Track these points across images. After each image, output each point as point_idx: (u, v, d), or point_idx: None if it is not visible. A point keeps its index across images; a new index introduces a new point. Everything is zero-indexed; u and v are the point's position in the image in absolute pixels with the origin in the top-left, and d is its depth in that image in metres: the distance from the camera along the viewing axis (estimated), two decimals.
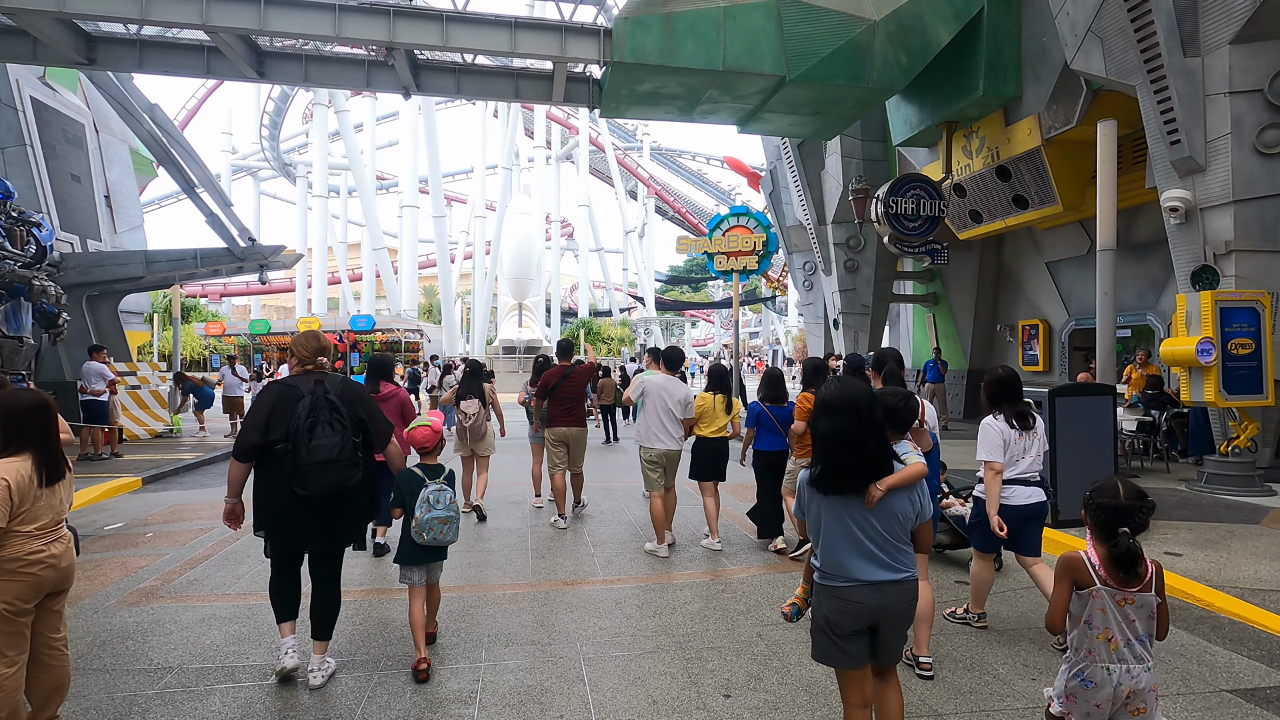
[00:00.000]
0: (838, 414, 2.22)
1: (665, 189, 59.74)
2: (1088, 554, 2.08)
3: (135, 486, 7.92)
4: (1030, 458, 3.52)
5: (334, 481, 2.98)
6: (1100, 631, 2.04)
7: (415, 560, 3.32)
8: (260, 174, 59.49)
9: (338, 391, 3.12)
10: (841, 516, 2.20)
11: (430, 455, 3.50)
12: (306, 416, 2.98)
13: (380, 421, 3.30)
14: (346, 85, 10.89)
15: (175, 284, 14.57)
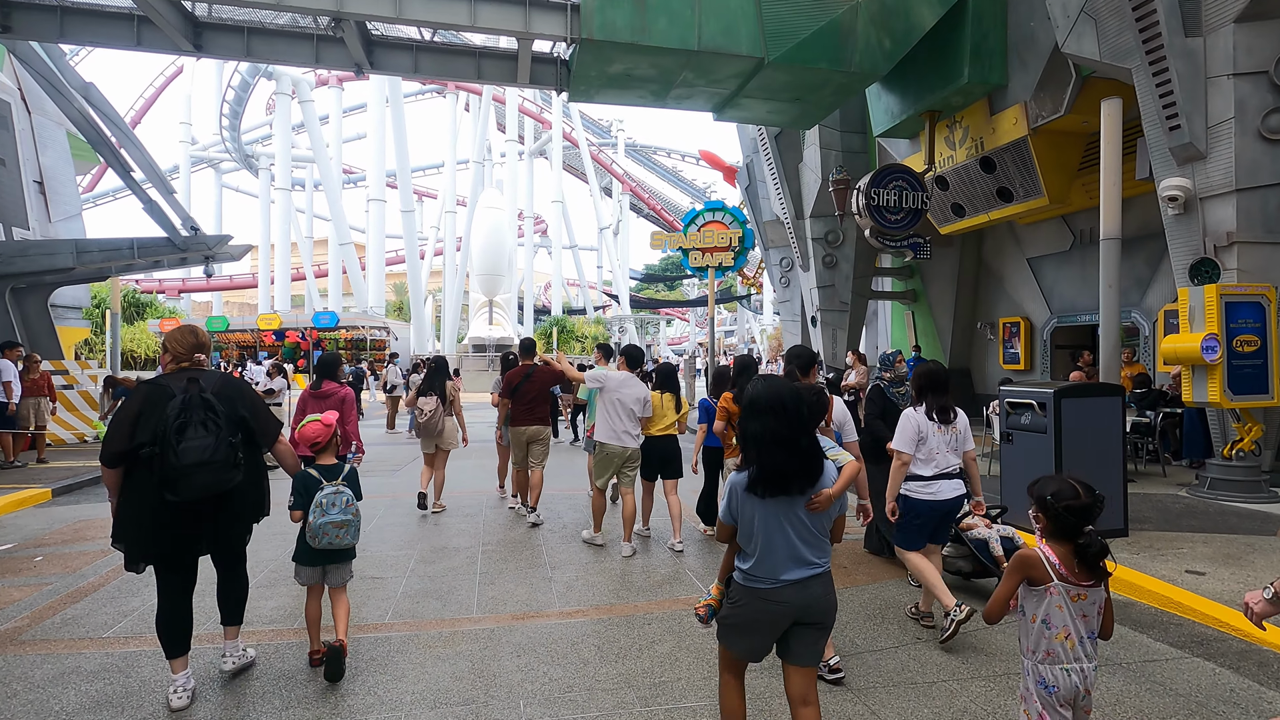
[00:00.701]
0: (767, 414, 2.17)
1: (640, 186, 59.17)
2: (1044, 551, 2.08)
3: (43, 499, 7.08)
4: (949, 452, 3.59)
5: (208, 484, 2.79)
6: (1059, 631, 2.05)
7: (309, 561, 3.23)
8: (222, 166, 57.50)
9: (215, 389, 2.94)
10: (779, 519, 2.17)
11: (326, 454, 3.35)
12: (176, 417, 2.77)
13: (265, 419, 3.14)
14: (293, 61, 10.08)
15: (112, 276, 13.53)
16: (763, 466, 2.15)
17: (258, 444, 3.10)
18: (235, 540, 3.17)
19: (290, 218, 48.04)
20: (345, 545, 3.21)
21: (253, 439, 3.05)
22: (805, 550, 2.19)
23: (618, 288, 51.60)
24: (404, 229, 37.86)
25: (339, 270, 44.26)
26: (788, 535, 2.17)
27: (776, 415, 2.16)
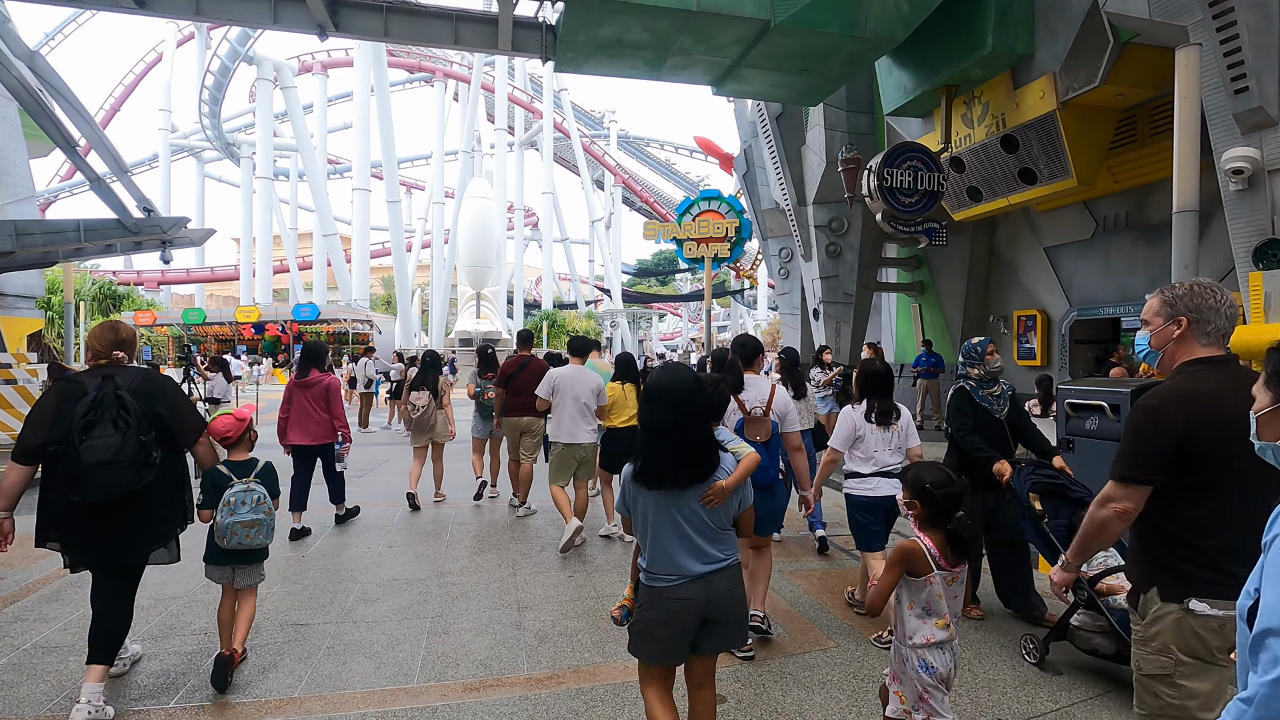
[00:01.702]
0: (655, 404, 2.13)
1: (633, 178, 58.24)
2: (923, 542, 2.14)
3: None
4: (889, 450, 3.58)
5: (111, 485, 2.66)
6: (939, 619, 2.12)
7: (218, 560, 3.11)
8: (205, 155, 56.07)
9: (132, 386, 2.82)
10: (669, 510, 2.11)
11: (238, 449, 3.21)
12: (84, 415, 2.67)
13: (186, 418, 3.00)
14: (248, 20, 9.11)
15: (61, 262, 12.53)
16: (645, 457, 2.09)
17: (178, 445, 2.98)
18: (150, 544, 2.94)
19: (273, 208, 46.81)
20: (257, 545, 3.07)
21: (171, 439, 2.91)
22: (704, 544, 2.11)
23: (610, 282, 50.73)
24: (390, 220, 36.76)
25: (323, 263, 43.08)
26: (682, 529, 2.10)
27: (663, 405, 2.10)
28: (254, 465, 3.18)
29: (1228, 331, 1.84)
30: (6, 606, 3.81)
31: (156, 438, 2.80)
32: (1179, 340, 1.86)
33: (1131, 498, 1.76)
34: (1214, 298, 1.83)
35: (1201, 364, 1.80)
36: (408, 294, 36.78)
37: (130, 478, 2.68)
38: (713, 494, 2.10)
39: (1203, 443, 1.69)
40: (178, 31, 49.95)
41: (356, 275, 36.83)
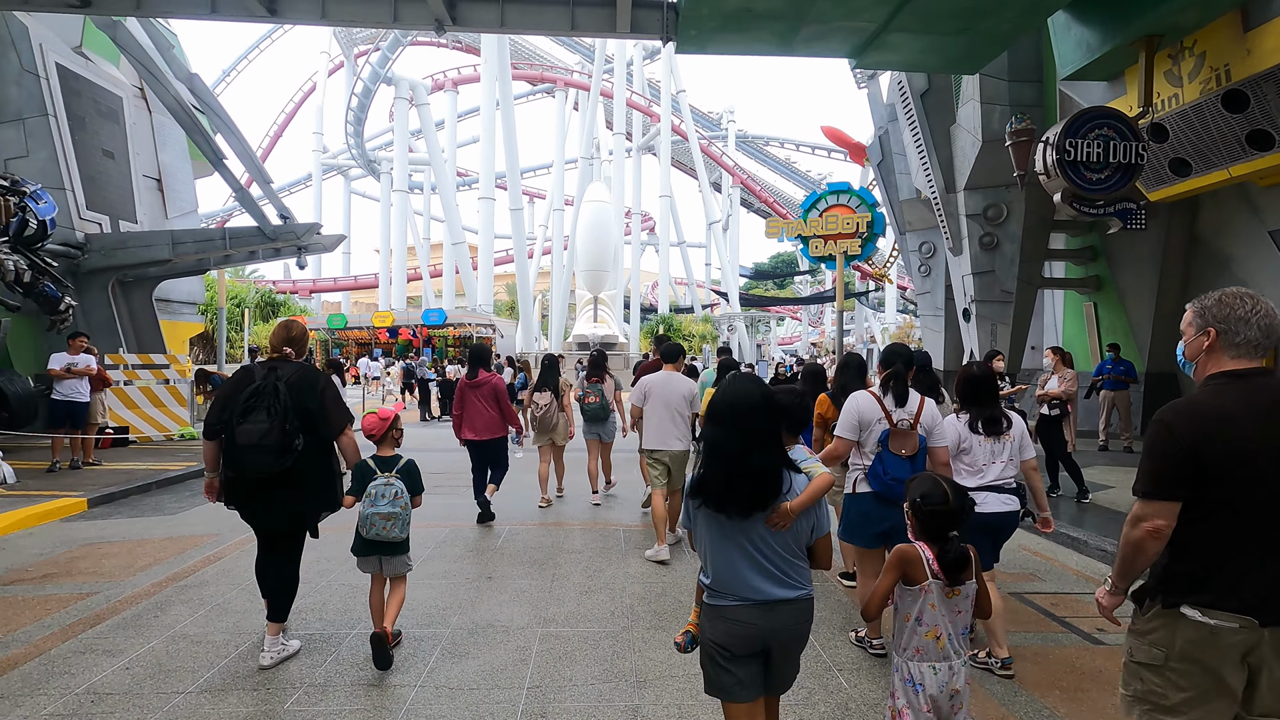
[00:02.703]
0: (718, 423, 1.99)
1: (751, 178, 56.66)
2: (922, 549, 2.09)
3: (77, 509, 6.26)
4: (1000, 464, 3.34)
5: (257, 466, 2.98)
6: (930, 629, 2.04)
7: (363, 552, 3.24)
8: (351, 173, 60.71)
9: (289, 379, 3.10)
10: (729, 531, 1.98)
11: (384, 445, 3.34)
12: (245, 401, 3.01)
13: (332, 411, 3.22)
14: (369, 22, 9.07)
15: (212, 268, 13.36)
16: (702, 479, 1.98)
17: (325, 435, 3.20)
18: (296, 520, 3.26)
19: (408, 219, 49.75)
20: (393, 538, 3.18)
21: (318, 429, 3.15)
22: (772, 569, 1.97)
23: (726, 285, 49.51)
24: (513, 228, 37.72)
25: (452, 270, 45.12)
26: (745, 551, 1.97)
27: (725, 425, 1.97)
28: (397, 461, 3.30)
29: (1262, 343, 1.75)
30: (83, 631, 3.50)
31: (301, 427, 3.05)
32: (1208, 352, 1.80)
33: (1160, 514, 1.71)
34: (1244, 307, 1.77)
35: (1226, 378, 1.76)
36: (529, 299, 37.57)
37: (272, 460, 2.98)
38: (778, 517, 1.95)
39: (1214, 461, 1.66)
40: (329, 61, 54.45)
41: (481, 281, 38.06)
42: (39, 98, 11.35)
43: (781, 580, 1.97)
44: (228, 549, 5.00)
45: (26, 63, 11.31)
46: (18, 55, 11.32)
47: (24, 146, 11.31)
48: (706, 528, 2.01)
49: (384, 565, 3.26)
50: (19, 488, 6.85)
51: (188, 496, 7.04)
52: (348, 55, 52.91)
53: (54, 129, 11.46)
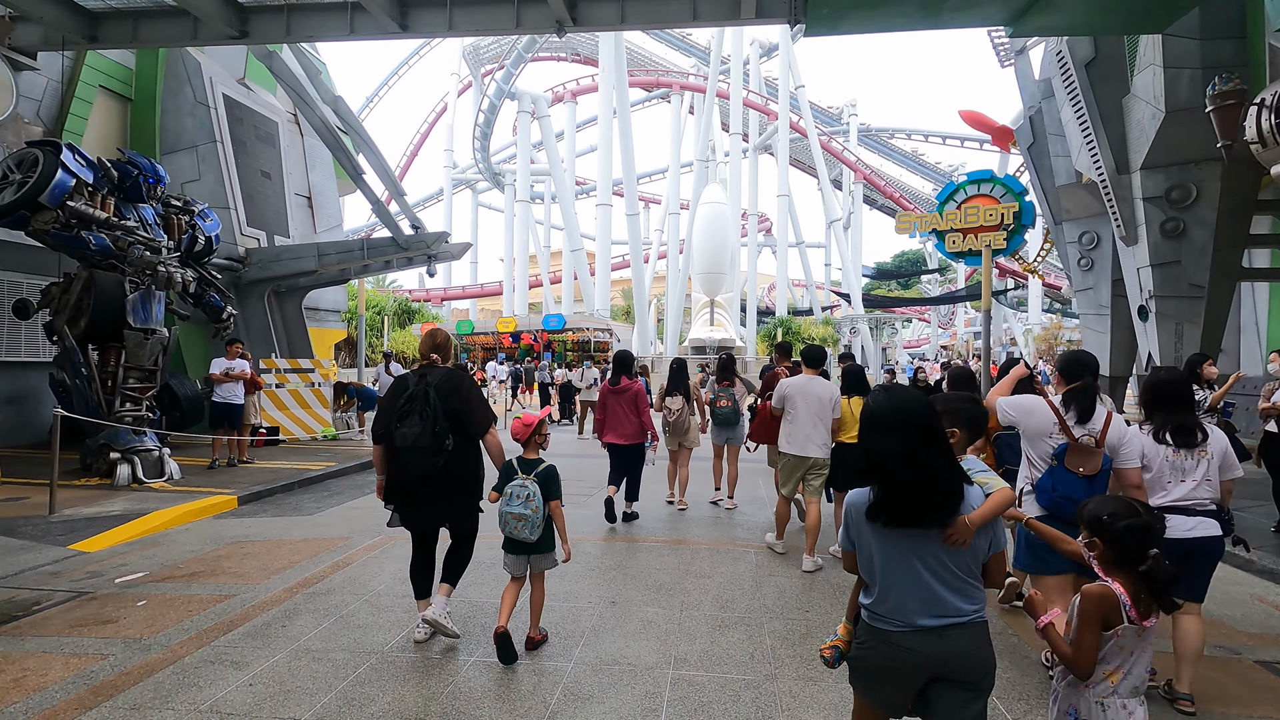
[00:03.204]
0: (891, 431, 1.86)
1: (875, 174, 53.89)
2: (1118, 591, 1.88)
3: (227, 507, 6.62)
4: (1192, 482, 2.97)
5: (416, 466, 3.25)
6: (1112, 669, 1.88)
7: (509, 549, 3.40)
8: (478, 186, 64.00)
9: (438, 383, 3.33)
10: (904, 551, 1.85)
11: (528, 449, 3.45)
12: (401, 406, 3.30)
13: (478, 414, 3.43)
14: (493, 28, 9.17)
15: (353, 278, 14.18)
16: (885, 491, 1.84)
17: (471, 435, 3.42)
18: (455, 517, 3.54)
19: (530, 228, 51.66)
20: (524, 538, 3.28)
21: (465, 430, 3.36)
22: (944, 592, 1.82)
23: (848, 286, 47.31)
24: (629, 233, 38.01)
25: (571, 276, 46.28)
26: (917, 573, 1.83)
27: (896, 432, 1.85)
28: (536, 465, 3.38)
29: None
30: (216, 638, 3.49)
31: (450, 428, 3.26)
32: None
33: None
34: None
35: None
36: (644, 303, 37.67)
37: (428, 461, 3.22)
38: (956, 532, 1.82)
39: None
40: (458, 82, 57.70)
41: (598, 286, 38.65)
42: (209, 126, 12.51)
43: (955, 605, 1.84)
44: (355, 554, 5.01)
45: (199, 96, 12.49)
46: (192, 90, 12.53)
47: (196, 170, 12.50)
48: (875, 546, 1.89)
49: (526, 563, 3.40)
50: (183, 483, 7.39)
51: (324, 496, 7.31)
52: (475, 75, 55.81)
53: (220, 154, 12.58)
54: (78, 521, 5.71)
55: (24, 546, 5.05)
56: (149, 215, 8.65)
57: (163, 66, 12.51)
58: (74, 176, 7.53)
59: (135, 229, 7.95)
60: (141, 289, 7.84)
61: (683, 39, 57.40)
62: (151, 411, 7.82)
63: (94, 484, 7.22)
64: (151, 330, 7.83)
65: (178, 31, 9.66)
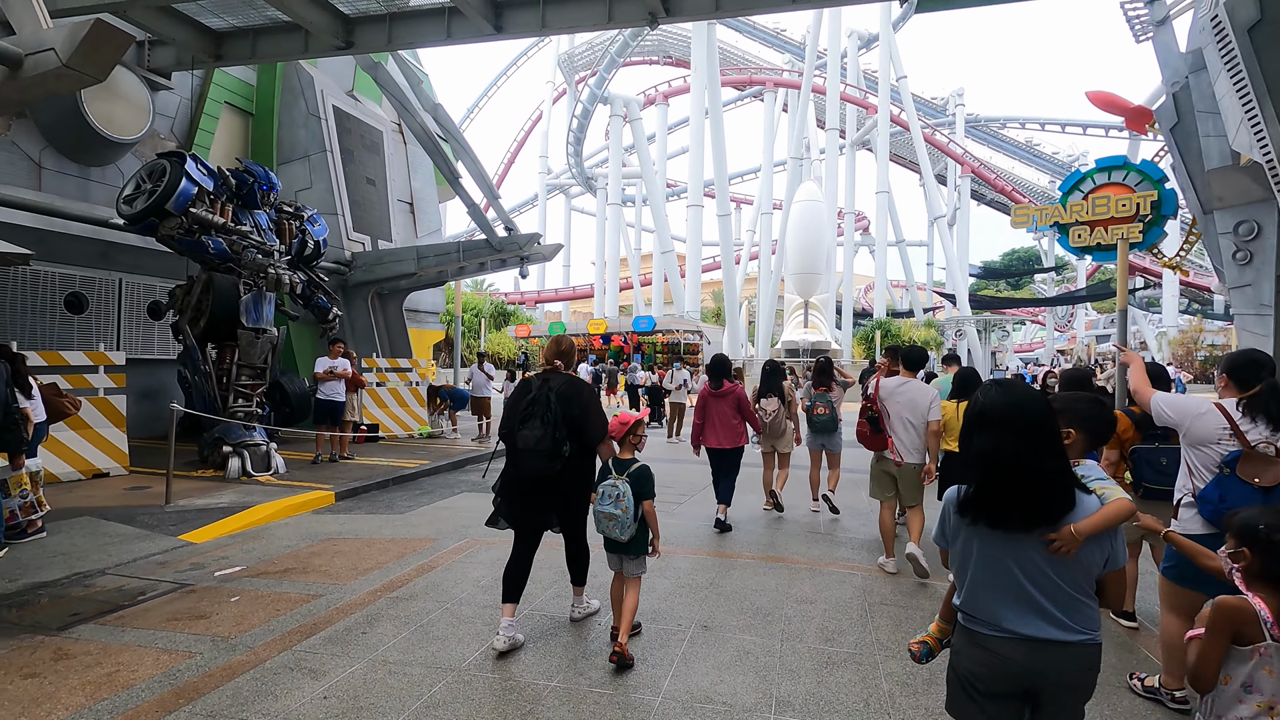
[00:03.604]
0: (1000, 428, 1.76)
1: (984, 166, 50.62)
2: (1257, 604, 1.75)
3: (325, 503, 6.77)
4: None
5: (534, 468, 3.30)
6: (1264, 699, 1.70)
7: (607, 547, 3.48)
8: (571, 190, 65.27)
9: (559, 389, 3.38)
10: (1000, 555, 1.75)
11: (624, 448, 3.51)
12: (523, 409, 3.37)
13: (594, 420, 3.46)
14: (586, 25, 9.06)
15: (450, 280, 14.53)
16: (983, 489, 1.75)
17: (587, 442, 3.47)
18: (568, 519, 3.60)
19: (621, 231, 52.04)
20: (614, 537, 3.34)
21: (582, 436, 3.41)
22: (1045, 603, 1.70)
23: (953, 286, 44.63)
24: (720, 234, 37.49)
25: (661, 278, 46.22)
26: (1014, 578, 1.73)
27: (1001, 430, 1.75)
28: (629, 465, 3.40)
29: None
30: (298, 642, 3.43)
31: (568, 434, 3.31)
32: None
33: None
34: None
35: None
36: (735, 305, 37.00)
37: (545, 464, 3.27)
38: (1061, 540, 1.69)
39: None
40: (553, 90, 59.06)
41: (689, 288, 38.32)
42: (320, 137, 13.15)
43: (1057, 619, 1.71)
44: (441, 558, 4.92)
45: (312, 108, 13.16)
46: (305, 103, 13.22)
47: (308, 179, 13.17)
48: (970, 545, 1.81)
49: (624, 565, 3.42)
50: (287, 477, 7.67)
51: (416, 495, 7.37)
52: (569, 82, 56.90)
53: (329, 163, 13.19)
54: (189, 512, 5.96)
55: (139, 535, 5.29)
56: (263, 220, 9.10)
57: (280, 82, 13.27)
58: (196, 185, 7.99)
59: (249, 233, 8.36)
60: (254, 290, 8.21)
61: (776, 35, 56.19)
62: (261, 407, 8.16)
63: (208, 475, 7.62)
64: (262, 330, 8.19)
65: (291, 45, 10.14)
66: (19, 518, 4.93)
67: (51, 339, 9.23)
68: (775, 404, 6.47)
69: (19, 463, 4.95)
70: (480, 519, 6.11)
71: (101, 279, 10.02)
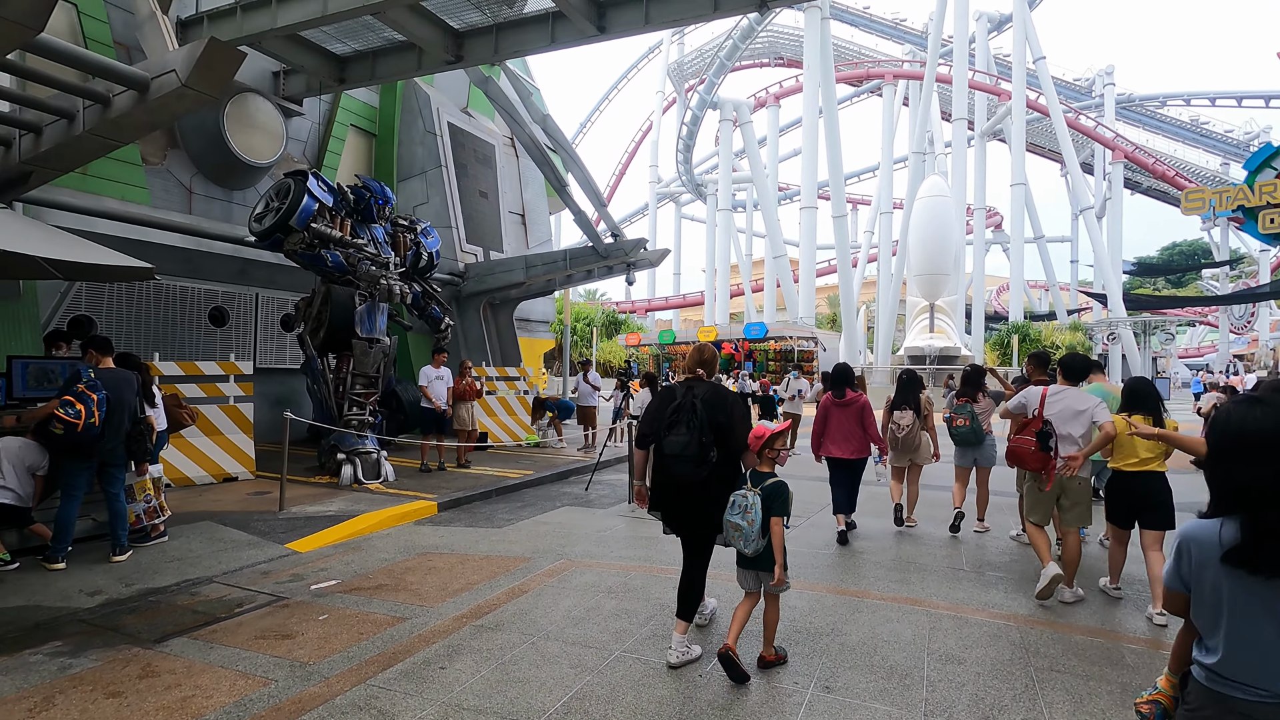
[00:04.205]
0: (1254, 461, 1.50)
1: (1140, 150, 45.34)
2: None
3: (428, 513, 6.70)
4: None
5: (680, 474, 3.32)
6: None
7: (739, 563, 3.39)
8: (681, 198, 65.27)
9: (704, 396, 3.42)
10: (1268, 603, 1.49)
11: (761, 462, 3.42)
12: (669, 416, 3.42)
13: (739, 427, 3.45)
14: (690, 17, 8.65)
15: (559, 288, 14.57)
16: (1258, 532, 1.48)
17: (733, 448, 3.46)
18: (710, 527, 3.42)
19: (731, 236, 51.23)
20: (742, 549, 3.26)
21: (727, 442, 3.40)
22: None
23: (1106, 284, 40.10)
24: (835, 236, 35.89)
25: (773, 284, 45.02)
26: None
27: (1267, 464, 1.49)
28: (765, 479, 3.34)
29: None
30: (375, 674, 3.18)
31: (713, 440, 3.31)
32: None
33: None
34: None
35: None
36: (852, 309, 35.24)
37: (692, 470, 3.28)
38: None
39: None
40: (663, 100, 59.37)
41: (802, 293, 36.95)
42: (435, 153, 13.58)
43: None
44: (533, 580, 4.60)
45: (428, 125, 13.62)
46: (422, 121, 13.71)
47: (425, 194, 13.63)
48: (1226, 593, 1.53)
49: (762, 581, 3.32)
50: (395, 485, 7.74)
51: (517, 507, 7.18)
52: (679, 90, 56.96)
53: (444, 177, 13.59)
54: (299, 520, 6.05)
55: (250, 542, 5.38)
56: (380, 234, 9.37)
57: (400, 103, 13.86)
58: (317, 201, 8.31)
59: (364, 246, 8.58)
60: (368, 301, 8.41)
61: (895, 25, 53.43)
62: (374, 415, 8.33)
63: (324, 482, 7.83)
64: (376, 339, 8.36)
65: (406, 64, 10.46)
66: (143, 521, 5.14)
67: (196, 350, 9.97)
68: (910, 417, 6.09)
69: (143, 469, 5.16)
70: (579, 536, 5.86)
71: (240, 294, 10.77)
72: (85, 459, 4.80)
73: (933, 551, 5.49)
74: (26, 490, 4.82)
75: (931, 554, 5.41)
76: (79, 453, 4.75)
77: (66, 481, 4.81)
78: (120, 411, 4.86)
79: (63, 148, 5.72)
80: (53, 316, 8.54)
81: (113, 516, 4.88)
